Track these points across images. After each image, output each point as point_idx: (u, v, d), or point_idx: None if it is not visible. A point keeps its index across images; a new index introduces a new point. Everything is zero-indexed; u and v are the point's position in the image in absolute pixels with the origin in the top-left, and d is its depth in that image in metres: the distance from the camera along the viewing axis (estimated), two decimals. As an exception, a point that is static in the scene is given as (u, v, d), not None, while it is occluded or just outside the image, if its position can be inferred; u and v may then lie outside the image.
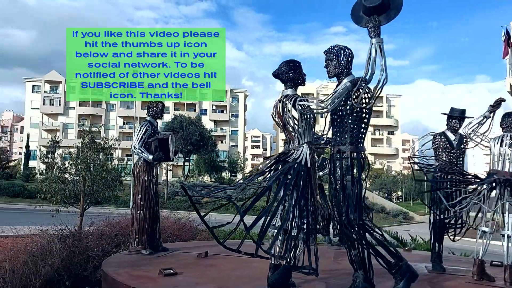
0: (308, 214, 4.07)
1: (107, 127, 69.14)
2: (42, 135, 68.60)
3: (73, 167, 13.32)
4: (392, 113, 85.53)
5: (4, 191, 32.17)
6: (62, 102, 71.22)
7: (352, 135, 3.97)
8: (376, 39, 3.66)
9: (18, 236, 9.46)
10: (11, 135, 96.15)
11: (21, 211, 20.32)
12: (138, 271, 5.12)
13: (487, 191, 5.39)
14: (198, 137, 42.52)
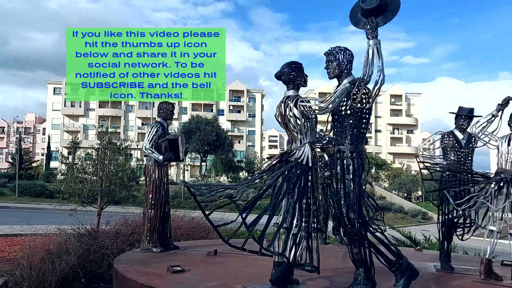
0: (309, 212, 4.14)
1: (126, 128, 70.18)
2: (63, 136, 69.94)
3: (90, 167, 13.63)
4: (412, 111, 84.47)
5: (26, 191, 33.11)
6: (83, 103, 72.49)
7: (352, 135, 4.03)
8: (374, 40, 3.73)
9: (36, 235, 9.75)
10: (34, 136, 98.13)
11: (42, 210, 20.84)
12: (148, 268, 5.27)
13: (495, 190, 5.37)
14: (215, 137, 42.81)
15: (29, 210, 23.35)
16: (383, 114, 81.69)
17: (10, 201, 30.93)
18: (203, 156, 46.20)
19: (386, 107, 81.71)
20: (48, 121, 75.54)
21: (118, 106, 71.48)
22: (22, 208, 24.65)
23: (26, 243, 8.85)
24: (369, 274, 4.09)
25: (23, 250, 7.76)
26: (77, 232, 8.11)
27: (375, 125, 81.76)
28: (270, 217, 3.89)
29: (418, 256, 7.50)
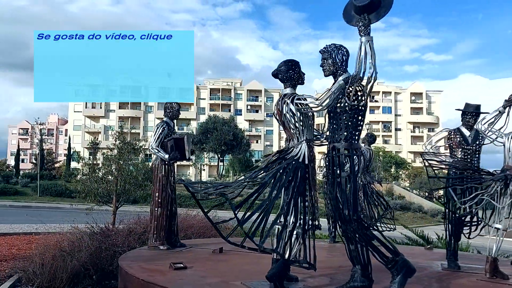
0: (305, 209, 4.16)
1: (145, 128, 71.07)
2: (84, 137, 71.23)
3: (106, 167, 13.89)
4: (433, 109, 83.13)
5: (47, 191, 33.92)
6: (103, 105, 73.70)
7: (347, 132, 4.03)
8: (366, 37, 3.73)
9: (50, 233, 9.98)
10: (57, 137, 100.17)
11: (61, 210, 21.30)
12: (151, 265, 5.36)
13: (501, 188, 5.29)
14: (232, 137, 42.97)
15: (49, 210, 23.86)
16: (403, 113, 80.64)
17: (32, 201, 31.69)
18: (220, 156, 46.44)
19: (406, 105, 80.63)
20: (70, 122, 77.09)
21: (137, 107, 72.45)
22: (42, 207, 25.23)
23: (40, 241, 9.09)
24: (366, 271, 4.08)
25: (37, 248, 7.97)
26: (90, 231, 8.28)
27: (395, 123, 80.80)
28: (264, 214, 3.92)
29: (427, 254, 7.44)
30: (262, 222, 3.88)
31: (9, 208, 25.41)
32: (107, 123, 73.16)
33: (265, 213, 3.91)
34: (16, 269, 7.24)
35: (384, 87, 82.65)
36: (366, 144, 8.47)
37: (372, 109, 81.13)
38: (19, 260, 7.87)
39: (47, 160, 58.95)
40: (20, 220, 15.92)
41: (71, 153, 52.05)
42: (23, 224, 14.69)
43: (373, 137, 8.61)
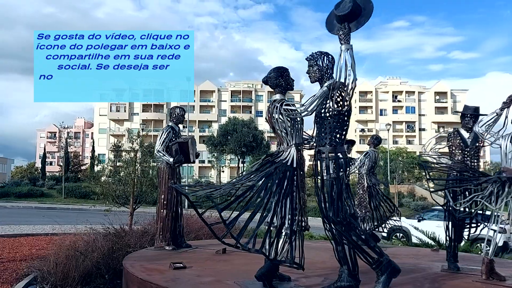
0: (292, 211, 4.30)
1: (168, 131, 71.94)
2: (109, 140, 72.67)
3: (124, 169, 14.28)
4: (458, 109, 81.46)
5: (71, 193, 34.92)
6: (127, 108, 75.11)
7: (332, 136, 4.15)
8: (346, 45, 3.86)
9: (69, 234, 10.36)
10: (83, 140, 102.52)
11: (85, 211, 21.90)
12: (153, 264, 5.59)
13: (497, 189, 5.30)
14: (251, 138, 43.22)
15: (72, 211, 24.56)
16: (427, 112, 79.36)
17: (57, 203, 32.66)
18: (240, 158, 46.78)
19: (431, 105, 79.32)
20: (95, 125, 78.80)
21: (160, 110, 73.55)
22: (66, 209, 25.99)
23: (56, 241, 9.46)
24: (353, 271, 4.19)
25: (53, 248, 8.32)
26: (106, 232, 8.57)
27: (419, 123, 79.61)
28: (251, 215, 4.09)
29: (431, 256, 7.46)
30: (249, 222, 4.04)
31: (35, 209, 26.28)
32: (131, 126, 74.47)
33: (252, 214, 4.08)
34: (32, 269, 7.57)
35: (407, 87, 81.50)
36: (372, 146, 8.53)
37: (396, 109, 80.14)
38: (37, 260, 8.22)
39: (73, 163, 60.46)
40: (43, 221, 16.48)
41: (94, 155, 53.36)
42: (45, 225, 15.22)
43: (378, 139, 8.66)
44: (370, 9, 3.92)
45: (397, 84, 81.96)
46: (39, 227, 15.27)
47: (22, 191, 35.57)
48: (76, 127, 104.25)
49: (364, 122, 79.88)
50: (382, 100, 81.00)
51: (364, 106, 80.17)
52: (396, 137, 78.53)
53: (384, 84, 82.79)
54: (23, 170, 77.96)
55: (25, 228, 15.02)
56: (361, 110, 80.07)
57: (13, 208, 27.64)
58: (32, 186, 38.24)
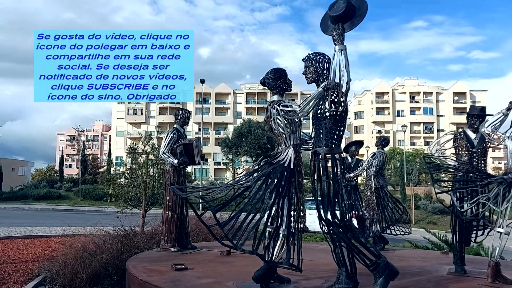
0: (290, 212, 4.28)
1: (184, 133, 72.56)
2: (126, 142, 73.50)
3: (136, 171, 14.42)
4: (477, 109, 79.99)
5: (88, 195, 35.46)
6: (144, 111, 75.94)
7: (327, 137, 4.13)
8: (340, 46, 3.83)
9: (81, 235, 10.50)
10: (101, 143, 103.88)
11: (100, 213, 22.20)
12: (155, 265, 5.63)
13: (503, 191, 5.19)
14: (266, 140, 43.19)
15: (88, 213, 24.92)
16: (445, 113, 78.23)
17: (73, 205, 33.19)
18: (255, 159, 46.83)
19: (449, 106, 78.18)
20: (113, 128, 79.84)
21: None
22: (82, 210, 26.42)
23: (66, 242, 9.59)
24: (351, 273, 4.15)
25: (63, 249, 8.44)
26: (117, 233, 8.66)
27: (437, 124, 78.56)
28: (246, 216, 4.08)
29: (440, 258, 7.34)
30: (244, 223, 4.04)
31: (52, 211, 26.71)
32: (148, 129, 75.18)
33: (248, 215, 4.08)
34: (42, 269, 7.69)
35: (425, 88, 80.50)
36: (380, 148, 8.44)
37: (413, 110, 79.24)
38: (48, 261, 8.35)
39: (92, 165, 61.28)
40: (57, 223, 16.74)
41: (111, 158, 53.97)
42: (60, 227, 15.45)
43: (386, 140, 8.57)
44: (364, 9, 3.88)
45: (414, 84, 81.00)
46: (54, 228, 15.50)
47: (40, 193, 36.23)
48: (94, 130, 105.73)
49: (381, 123, 79.14)
50: (399, 101, 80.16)
51: (380, 107, 79.43)
52: (414, 139, 77.61)
53: (401, 85, 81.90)
54: (43, 173, 79.36)
55: (41, 229, 15.27)
56: (378, 112, 79.34)
57: (30, 210, 28.14)
58: (50, 188, 38.92)
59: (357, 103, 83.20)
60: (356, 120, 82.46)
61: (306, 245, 8.61)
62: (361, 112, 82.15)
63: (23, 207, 29.82)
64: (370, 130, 77.20)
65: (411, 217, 33.60)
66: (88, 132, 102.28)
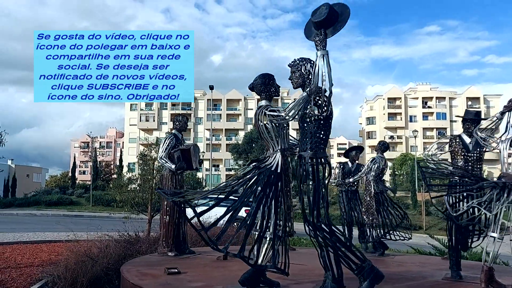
0: (276, 216, 4.32)
1: (195, 139, 72.97)
2: (139, 149, 74.10)
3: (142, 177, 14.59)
4: (492, 114, 78.97)
5: (99, 201, 35.81)
6: (156, 118, 76.58)
7: (312, 142, 4.16)
8: (321, 51, 3.88)
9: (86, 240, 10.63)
10: (115, 150, 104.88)
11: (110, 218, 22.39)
12: (150, 269, 5.69)
13: (497, 195, 5.16)
14: (277, 147, 43.15)
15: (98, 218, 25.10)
16: (459, 118, 77.03)
17: (84, 210, 33.52)
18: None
19: (463, 111, 76.66)
20: (126, 135, 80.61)
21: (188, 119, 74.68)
22: (93, 216, 26.61)
23: (69, 247, 9.72)
24: (337, 276, 4.16)
25: (66, 254, 8.56)
26: (122, 238, 8.76)
27: (451, 130, 77.65)
28: (229, 220, 4.13)
29: (439, 264, 7.27)
30: (227, 227, 4.09)
31: (63, 217, 27.00)
32: (160, 135, 75.75)
33: (232, 218, 4.12)
34: (45, 274, 7.81)
35: (438, 93, 79.80)
36: (379, 152, 8.42)
37: (426, 116, 78.56)
38: (51, 266, 8.47)
39: (105, 172, 61.86)
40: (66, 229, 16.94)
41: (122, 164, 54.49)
42: (69, 232, 15.63)
43: (385, 145, 8.54)
44: (347, 15, 3.93)
45: (427, 90, 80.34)
46: (63, 234, 15.69)
47: (52, 199, 36.68)
48: (108, 137, 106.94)
49: (393, 129, 78.58)
50: (411, 106, 79.56)
51: (393, 112, 78.89)
52: (427, 144, 76.67)
53: (414, 90, 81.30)
54: (57, 179, 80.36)
55: (50, 235, 15.45)
56: (390, 117, 78.82)
57: (42, 215, 28.48)
58: (62, 194, 39.40)
59: (369, 109, 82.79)
60: (368, 125, 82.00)
61: (307, 250, 8.62)
62: (373, 118, 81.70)
63: (35, 213, 30.23)
64: (382, 136, 76.58)
65: (422, 223, 33.30)
66: (101, 138, 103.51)
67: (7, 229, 16.74)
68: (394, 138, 76.41)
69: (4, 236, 14.11)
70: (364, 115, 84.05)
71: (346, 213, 8.69)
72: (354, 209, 8.62)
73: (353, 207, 8.66)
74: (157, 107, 75.91)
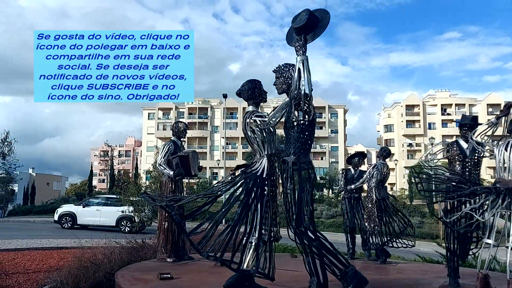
0: (261, 221, 4.32)
1: (212, 148, 73.35)
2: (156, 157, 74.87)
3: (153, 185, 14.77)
4: None
5: (115, 209, 36.19)
6: (173, 126, 77.32)
7: (295, 146, 4.18)
8: (301, 56, 3.91)
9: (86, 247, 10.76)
10: (133, 158, 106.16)
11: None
12: (144, 275, 5.75)
13: (493, 201, 5.07)
14: (291, 154, 42.94)
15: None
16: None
17: (100, 218, 33.80)
18: (280, 174, 46.47)
19: (483, 118, 75.82)
20: (144, 144, 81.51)
21: (204, 127, 75.14)
22: (108, 224, 26.91)
23: (75, 254, 9.86)
24: (322, 282, 4.14)
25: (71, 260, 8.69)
26: (129, 245, 8.85)
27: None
28: (213, 225, 4.16)
29: (440, 272, 7.12)
30: (211, 232, 4.11)
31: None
32: (178, 144, 76.28)
33: (215, 224, 4.15)
34: (49, 279, 7.94)
35: (457, 99, 78.58)
36: (381, 159, 8.35)
37: (445, 123, 77.37)
38: (57, 271, 8.60)
39: (123, 180, 62.65)
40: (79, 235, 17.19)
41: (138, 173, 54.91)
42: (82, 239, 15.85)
43: (387, 151, 8.46)
44: (327, 20, 3.95)
45: (446, 96, 79.21)
46: (76, 240, 15.91)
47: (69, 206, 37.20)
48: (126, 146, 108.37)
49: (411, 136, 77.56)
50: (430, 113, 78.48)
51: (411, 120, 77.93)
52: (446, 152, 75.56)
53: (432, 97, 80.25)
54: (76, 187, 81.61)
55: (62, 241, 15.68)
56: (408, 124, 77.87)
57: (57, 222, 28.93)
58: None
59: (387, 116, 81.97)
60: (386, 133, 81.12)
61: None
62: (390, 125, 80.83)
63: (51, 220, 30.66)
64: (400, 143, 75.78)
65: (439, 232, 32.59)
66: (120, 147, 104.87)
67: (22, 235, 17.06)
68: (413, 145, 75.39)
69: (17, 242, 14.38)
70: (382, 122, 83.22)
71: (349, 220, 8.63)
72: (357, 216, 8.55)
73: (356, 214, 8.59)
74: (174, 115, 76.61)
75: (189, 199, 4.35)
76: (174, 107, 76.33)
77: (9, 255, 11.13)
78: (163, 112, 78.17)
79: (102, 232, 15.40)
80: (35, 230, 21.49)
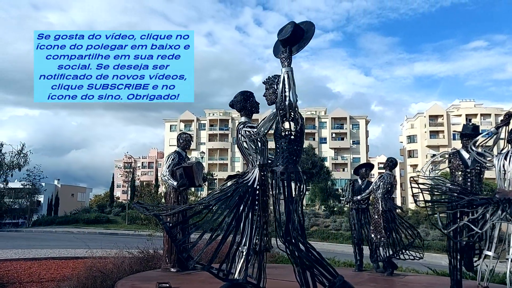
0: (251, 231, 4.36)
1: (232, 159, 73.68)
2: (178, 169, 75.55)
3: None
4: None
5: (135, 219, 36.64)
6: (194, 138, 78.04)
7: (283, 156, 4.22)
8: (286, 68, 3.97)
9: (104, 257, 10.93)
10: (156, 170, 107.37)
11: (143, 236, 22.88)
12: (143, 284, 5.84)
13: (491, 212, 5.00)
14: (310, 165, 42.88)
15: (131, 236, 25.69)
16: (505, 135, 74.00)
17: (120, 229, 34.35)
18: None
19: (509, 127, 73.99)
20: (166, 155, 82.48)
21: (225, 139, 75.64)
22: (127, 234, 27.28)
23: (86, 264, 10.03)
24: (310, 292, 4.14)
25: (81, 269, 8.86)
26: (141, 255, 8.99)
27: (497, 147, 74.39)
28: (202, 234, 4.21)
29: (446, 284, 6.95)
30: (197, 242, 4.17)
31: (98, 234, 27.82)
32: (198, 155, 77.02)
33: (203, 233, 4.21)
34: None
35: (482, 109, 76.94)
36: (387, 169, 8.27)
37: (470, 133, 75.71)
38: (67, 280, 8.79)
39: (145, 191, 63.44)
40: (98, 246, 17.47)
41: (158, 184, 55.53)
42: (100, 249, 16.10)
43: (393, 162, 8.38)
44: (311, 32, 4.01)
45: (470, 106, 77.68)
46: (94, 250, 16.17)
47: (90, 217, 37.99)
48: (149, 157, 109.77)
49: (435, 147, 76.13)
50: (454, 123, 77.00)
51: (434, 130, 76.66)
52: (472, 162, 73.90)
53: (457, 108, 78.83)
54: (100, 199, 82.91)
55: (80, 251, 15.95)
56: (432, 135, 76.60)
57: (79, 233, 29.46)
58: (99, 213, 40.71)
59: (410, 127, 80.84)
60: (409, 144, 79.90)
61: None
62: (414, 136, 79.62)
63: (72, 231, 31.32)
64: (424, 154, 74.49)
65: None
66: (143, 159, 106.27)
67: (42, 245, 17.44)
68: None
69: (36, 252, 14.72)
70: (405, 133, 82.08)
71: (356, 231, 8.55)
72: (365, 227, 8.48)
73: (363, 225, 8.52)
74: (196, 127, 77.42)
75: (180, 209, 4.43)
76: (195, 119, 77.18)
77: (26, 264, 11.41)
78: (185, 124, 79.08)
79: (118, 242, 15.63)
80: (55, 240, 21.93)
